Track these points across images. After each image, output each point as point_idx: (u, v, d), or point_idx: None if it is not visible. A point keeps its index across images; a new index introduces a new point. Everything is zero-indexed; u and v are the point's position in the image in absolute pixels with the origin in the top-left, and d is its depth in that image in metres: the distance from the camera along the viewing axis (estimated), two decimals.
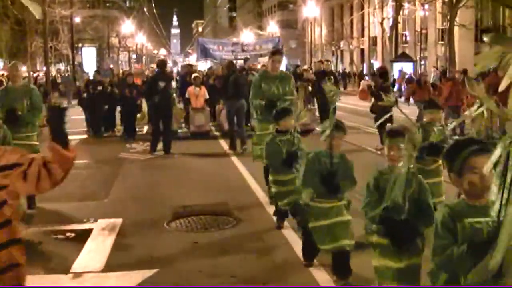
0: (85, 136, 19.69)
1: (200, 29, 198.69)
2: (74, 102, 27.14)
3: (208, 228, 8.87)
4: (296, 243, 7.72)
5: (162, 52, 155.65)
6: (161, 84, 15.75)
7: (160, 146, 15.95)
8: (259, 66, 28.16)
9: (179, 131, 19.83)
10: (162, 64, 17.51)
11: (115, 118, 20.98)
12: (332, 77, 19.80)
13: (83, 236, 8.44)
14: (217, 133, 20.15)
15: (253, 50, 36.86)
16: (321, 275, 6.63)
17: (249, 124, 19.84)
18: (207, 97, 19.48)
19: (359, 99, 20.15)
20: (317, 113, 20.84)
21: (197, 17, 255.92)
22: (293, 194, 7.73)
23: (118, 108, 20.52)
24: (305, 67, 31.03)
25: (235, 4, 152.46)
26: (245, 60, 25.54)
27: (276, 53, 10.96)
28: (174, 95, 22.98)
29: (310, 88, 19.85)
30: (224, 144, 17.41)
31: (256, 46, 37.82)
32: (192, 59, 78.24)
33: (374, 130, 16.50)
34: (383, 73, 17.28)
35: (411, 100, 23.71)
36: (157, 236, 8.47)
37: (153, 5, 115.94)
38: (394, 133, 5.19)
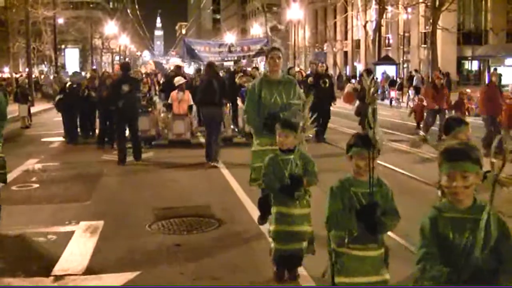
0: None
1: (183, 31, 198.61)
2: None
3: (191, 230, 8.83)
4: None
5: (146, 54, 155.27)
6: (125, 88, 14.75)
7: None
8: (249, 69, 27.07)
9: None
10: (125, 66, 16.36)
11: (94, 123, 20.19)
12: (327, 80, 19.37)
13: (65, 238, 8.38)
14: (203, 140, 18.00)
15: (241, 51, 36.17)
16: (303, 277, 6.62)
17: (236, 130, 19.61)
18: (191, 102, 18.09)
19: (343, 102, 19.74)
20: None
21: (181, 19, 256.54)
22: (296, 238, 6.41)
23: None
24: (297, 69, 30.36)
25: (219, 6, 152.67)
26: (236, 61, 24.58)
27: (274, 48, 9.07)
28: (158, 99, 22.69)
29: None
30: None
31: (244, 47, 37.19)
32: (174, 61, 78.06)
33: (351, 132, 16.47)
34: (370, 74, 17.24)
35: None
36: (139, 238, 8.43)
37: (137, 6, 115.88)
38: (457, 154, 3.62)
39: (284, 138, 6.39)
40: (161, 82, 28.91)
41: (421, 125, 20.99)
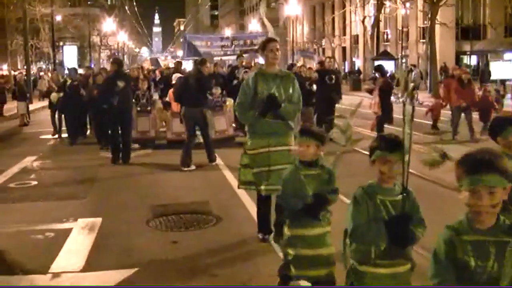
0: (65, 135, 19.18)
1: (182, 27, 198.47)
2: None
3: (188, 227, 8.81)
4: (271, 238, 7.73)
5: (144, 50, 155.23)
6: (120, 84, 14.09)
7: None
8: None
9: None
10: (119, 62, 15.50)
11: (85, 122, 19.82)
12: (334, 76, 18.20)
13: (62, 235, 8.37)
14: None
15: (244, 45, 35.19)
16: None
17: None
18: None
19: (373, 112, 17.66)
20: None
21: (179, 15, 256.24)
22: (320, 264, 5.41)
23: None
24: (299, 64, 29.36)
25: (216, 2, 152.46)
26: (238, 56, 22.87)
27: (271, 40, 8.16)
28: (158, 97, 22.16)
29: (314, 87, 17.97)
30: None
31: (247, 40, 36.24)
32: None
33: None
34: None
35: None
36: (137, 235, 8.43)
37: (135, 3, 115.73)
38: (481, 165, 3.09)
39: (305, 149, 5.40)
40: (157, 79, 28.56)
41: (437, 124, 20.15)
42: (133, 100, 16.25)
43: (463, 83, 17.98)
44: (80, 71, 25.91)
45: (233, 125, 17.79)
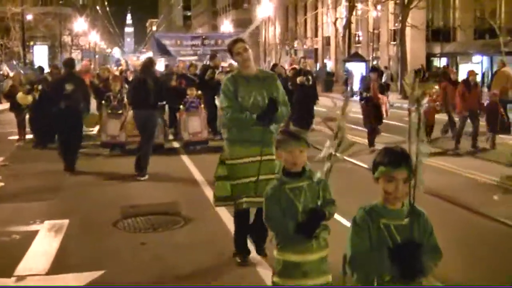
0: (31, 136, 18.52)
1: (154, 27, 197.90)
2: None
3: (157, 228, 8.77)
4: None
5: (116, 50, 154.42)
6: (68, 87, 13.18)
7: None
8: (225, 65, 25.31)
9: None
10: (69, 63, 14.56)
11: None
12: (310, 77, 18.04)
13: (29, 237, 8.28)
14: (176, 145, 17.36)
15: (215, 44, 34.32)
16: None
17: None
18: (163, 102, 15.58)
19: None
20: None
21: (151, 16, 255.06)
22: None
23: None
24: (272, 63, 28.82)
25: (189, 3, 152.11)
26: (212, 57, 21.77)
27: (236, 41, 7.01)
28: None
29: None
30: (175, 144, 17.27)
31: (218, 40, 35.43)
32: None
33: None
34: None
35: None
36: (105, 237, 8.37)
37: (106, 3, 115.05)
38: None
39: (298, 155, 4.51)
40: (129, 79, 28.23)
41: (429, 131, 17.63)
42: (103, 101, 16.09)
43: (470, 87, 16.37)
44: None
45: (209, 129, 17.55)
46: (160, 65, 37.94)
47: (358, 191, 9.09)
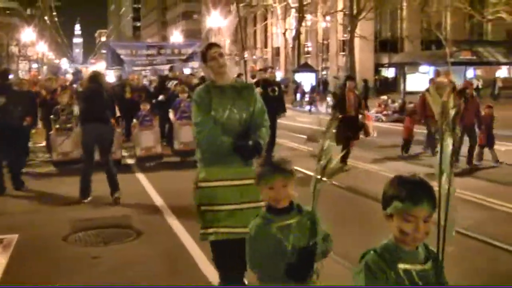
0: None
1: (103, 38, 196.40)
2: None
3: (108, 242, 8.68)
4: (194, 250, 7.72)
5: (64, 61, 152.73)
6: (0, 100, 12.20)
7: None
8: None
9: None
10: (2, 74, 13.20)
11: None
12: (277, 88, 16.41)
13: None
14: (131, 162, 16.21)
15: (172, 54, 33.42)
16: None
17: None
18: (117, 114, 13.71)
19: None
20: None
21: (100, 26, 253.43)
22: None
23: None
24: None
25: (139, 14, 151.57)
26: (171, 68, 21.32)
27: (211, 45, 6.03)
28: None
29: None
30: (129, 160, 16.48)
31: (175, 50, 34.59)
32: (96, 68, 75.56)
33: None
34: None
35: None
36: (56, 252, 8.25)
37: (55, 13, 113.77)
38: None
39: (282, 190, 3.80)
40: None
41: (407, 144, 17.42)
42: (51, 116, 15.27)
43: (466, 100, 14.90)
44: None
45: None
46: (111, 76, 37.06)
47: (346, 219, 9.12)
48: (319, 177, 3.61)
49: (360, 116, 15.19)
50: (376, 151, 17.98)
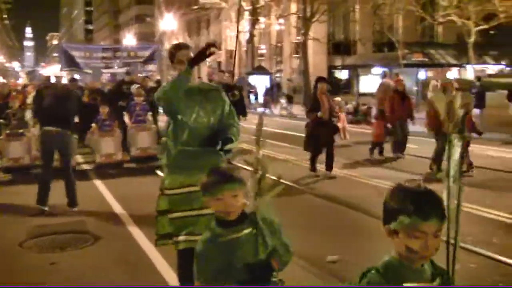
0: None
1: (55, 41, 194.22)
2: None
3: (65, 247, 8.57)
4: (153, 255, 7.68)
5: (15, 65, 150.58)
6: None
7: None
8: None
9: None
10: None
11: None
12: (237, 92, 16.12)
13: None
14: (88, 167, 15.87)
15: (128, 57, 32.91)
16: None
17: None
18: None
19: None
20: None
21: (52, 30, 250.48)
22: None
23: None
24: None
25: (91, 17, 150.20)
26: (128, 72, 20.38)
27: (180, 47, 5.80)
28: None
29: None
30: (85, 166, 16.02)
31: (131, 52, 33.99)
32: (47, 72, 74.27)
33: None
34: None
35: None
36: (11, 259, 8.11)
37: (5, 15, 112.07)
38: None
39: (232, 201, 3.45)
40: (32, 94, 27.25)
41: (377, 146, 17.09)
42: (2, 120, 15.00)
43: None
44: None
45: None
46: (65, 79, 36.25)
47: (318, 226, 9.18)
48: (255, 193, 3.36)
49: (334, 119, 14.70)
50: (343, 155, 16.95)
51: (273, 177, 3.38)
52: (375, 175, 13.85)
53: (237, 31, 33.73)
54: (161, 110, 6.31)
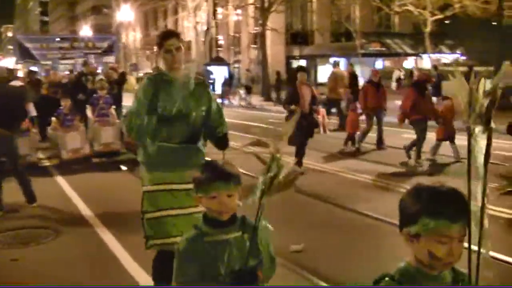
0: None
1: (9, 33, 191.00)
2: None
3: (27, 243, 8.48)
4: (115, 247, 7.74)
5: None
6: None
7: None
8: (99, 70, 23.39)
9: None
10: None
11: None
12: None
13: None
14: (47, 163, 15.35)
15: (86, 47, 32.77)
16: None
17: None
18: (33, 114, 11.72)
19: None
20: None
21: (6, 21, 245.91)
22: None
23: None
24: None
25: (46, 8, 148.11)
26: (85, 63, 20.06)
27: (168, 35, 5.50)
28: None
29: None
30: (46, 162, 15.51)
31: (89, 43, 33.82)
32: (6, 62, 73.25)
33: None
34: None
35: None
36: None
37: None
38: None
39: (227, 201, 3.17)
40: None
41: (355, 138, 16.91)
42: None
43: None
44: None
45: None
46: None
47: (281, 217, 9.06)
48: (262, 190, 2.93)
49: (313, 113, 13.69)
50: (318, 148, 16.20)
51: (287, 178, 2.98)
52: (349, 167, 13.85)
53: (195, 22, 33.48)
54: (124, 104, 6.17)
